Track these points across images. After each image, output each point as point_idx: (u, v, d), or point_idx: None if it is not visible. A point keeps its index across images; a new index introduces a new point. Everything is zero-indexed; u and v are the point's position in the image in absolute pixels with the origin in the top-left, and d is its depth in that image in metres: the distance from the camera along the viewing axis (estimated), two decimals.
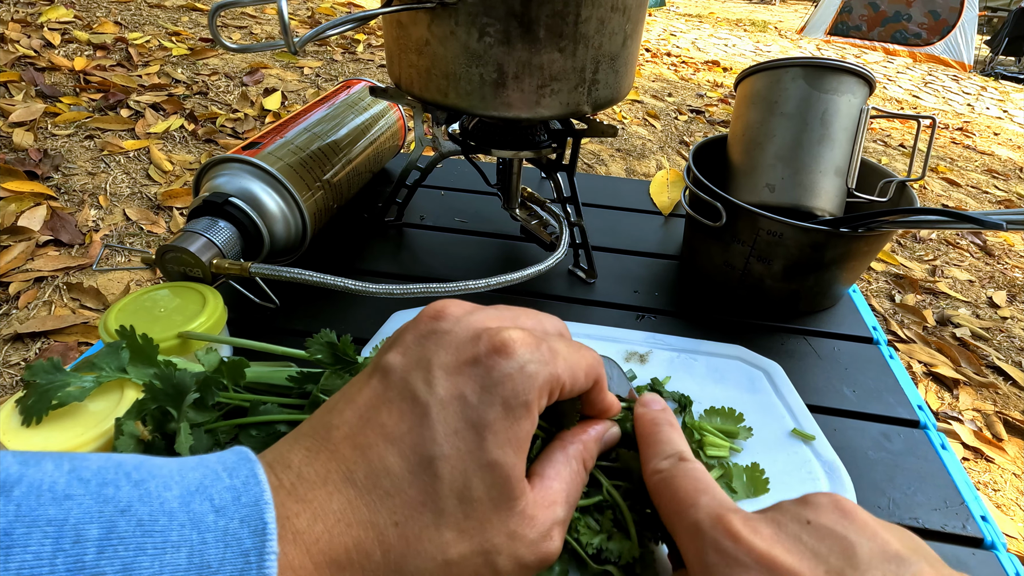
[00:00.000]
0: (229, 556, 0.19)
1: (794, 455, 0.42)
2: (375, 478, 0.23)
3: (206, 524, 0.19)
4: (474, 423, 0.23)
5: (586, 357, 0.27)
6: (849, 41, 5.86)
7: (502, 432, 0.23)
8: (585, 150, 2.42)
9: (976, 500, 0.43)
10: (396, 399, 0.24)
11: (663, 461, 0.27)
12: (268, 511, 0.20)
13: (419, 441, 0.23)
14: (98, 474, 0.19)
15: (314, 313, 0.55)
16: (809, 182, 0.55)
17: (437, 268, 0.64)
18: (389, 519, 0.22)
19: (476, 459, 0.23)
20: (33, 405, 0.31)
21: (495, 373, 0.24)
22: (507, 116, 0.48)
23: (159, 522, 0.19)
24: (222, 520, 0.19)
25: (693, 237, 0.63)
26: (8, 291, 1.30)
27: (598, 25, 0.45)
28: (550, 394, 0.25)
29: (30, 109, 1.82)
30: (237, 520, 0.19)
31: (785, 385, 0.48)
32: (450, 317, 0.26)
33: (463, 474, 0.23)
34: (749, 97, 0.59)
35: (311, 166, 0.58)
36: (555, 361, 0.25)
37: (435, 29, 0.46)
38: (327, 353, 0.35)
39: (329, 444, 0.23)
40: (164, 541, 0.18)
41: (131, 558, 0.18)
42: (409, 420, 0.23)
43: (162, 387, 0.32)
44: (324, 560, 0.21)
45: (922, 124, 0.57)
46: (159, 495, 0.19)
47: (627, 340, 0.52)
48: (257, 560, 0.19)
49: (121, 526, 0.18)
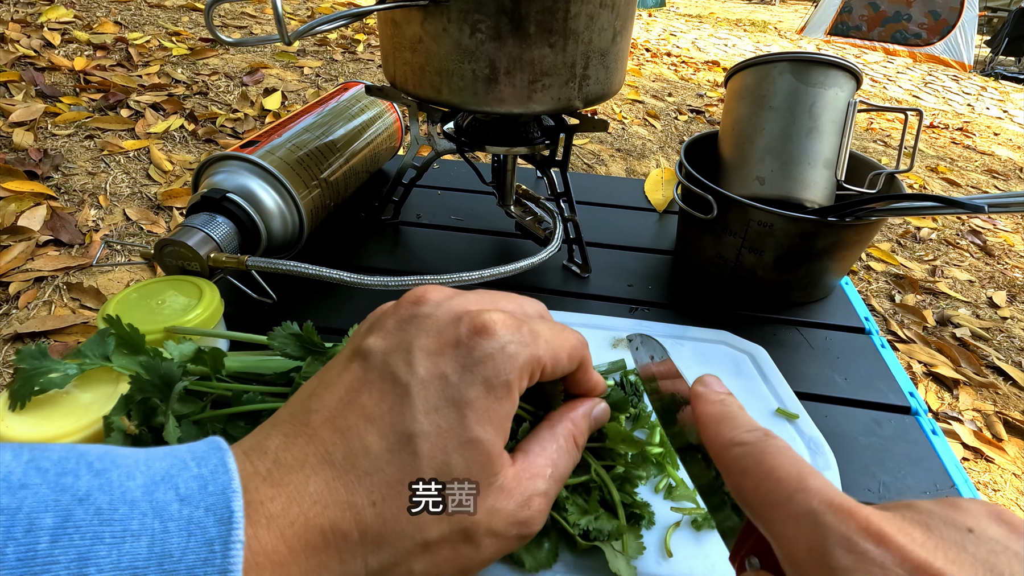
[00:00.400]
0: (192, 545, 0.18)
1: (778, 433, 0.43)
2: (353, 458, 0.22)
3: (169, 513, 0.19)
4: (455, 401, 0.23)
5: (569, 339, 0.27)
6: (849, 41, 5.87)
7: (483, 410, 0.24)
8: (585, 150, 2.42)
9: (966, 483, 0.43)
10: (376, 381, 0.24)
11: (746, 433, 0.24)
12: (235, 499, 0.20)
13: (399, 420, 0.23)
14: (58, 464, 0.19)
15: (310, 308, 0.56)
16: (798, 174, 0.56)
17: (433, 264, 0.64)
18: (367, 499, 0.22)
19: (456, 436, 0.23)
20: (18, 390, 0.32)
21: (476, 353, 0.24)
22: (499, 111, 0.49)
23: (119, 511, 0.18)
24: (187, 509, 0.19)
25: (686, 231, 0.64)
26: (8, 291, 1.30)
27: (587, 21, 0.46)
28: (531, 375, 0.25)
29: (30, 109, 1.83)
30: (202, 509, 0.19)
31: (769, 367, 0.49)
32: (431, 301, 0.26)
33: (443, 451, 0.23)
34: (738, 92, 0.60)
35: (308, 164, 0.58)
36: (536, 343, 0.25)
37: (428, 26, 0.46)
38: (293, 344, 0.35)
39: (308, 428, 0.23)
40: (123, 530, 0.18)
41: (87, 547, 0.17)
42: (389, 400, 0.23)
43: (149, 378, 0.32)
44: (299, 544, 0.21)
45: (910, 117, 0.57)
46: (121, 484, 0.19)
47: (614, 327, 0.52)
48: (222, 549, 0.19)
49: (78, 515, 0.18)
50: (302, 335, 0.35)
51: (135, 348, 0.35)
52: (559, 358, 0.27)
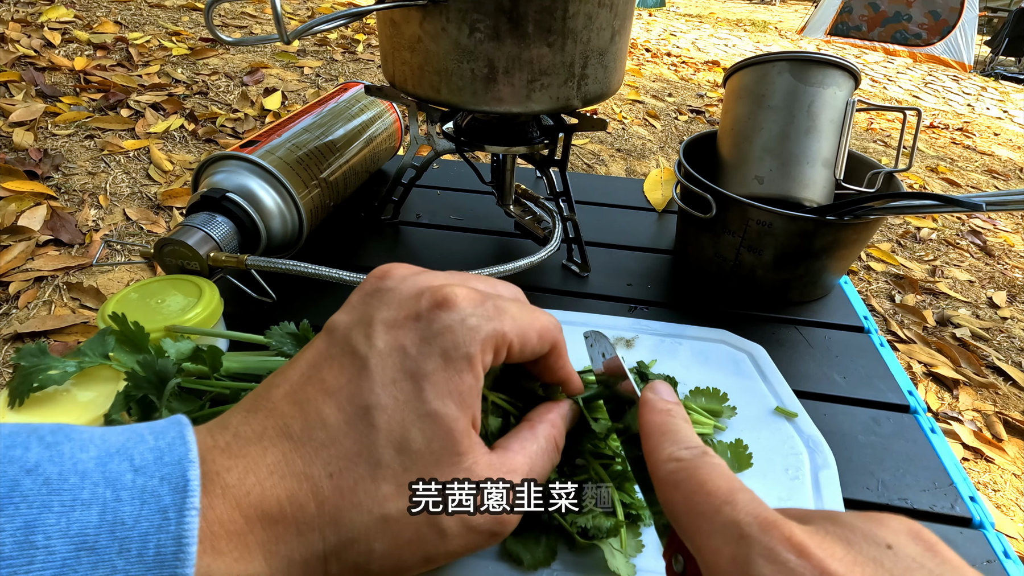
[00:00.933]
0: (145, 512, 0.18)
1: (777, 432, 0.43)
2: (310, 430, 0.22)
3: (122, 483, 0.19)
4: (412, 373, 0.23)
5: (540, 319, 0.27)
6: (849, 41, 5.87)
7: (442, 383, 0.23)
8: (585, 150, 2.42)
9: (965, 481, 0.43)
10: (338, 355, 0.24)
11: (683, 450, 0.24)
12: (191, 468, 0.20)
13: (356, 392, 0.23)
14: (7, 438, 0.19)
15: (310, 307, 0.56)
16: (797, 173, 0.56)
17: (433, 263, 0.64)
18: (324, 470, 0.22)
19: (414, 409, 0.23)
20: (17, 387, 0.32)
21: (435, 325, 0.24)
22: (498, 111, 0.49)
23: (69, 481, 0.18)
24: (140, 479, 0.19)
25: (685, 230, 0.64)
26: (8, 291, 1.30)
27: (586, 20, 0.46)
28: (496, 351, 0.25)
29: (30, 109, 1.83)
30: (157, 478, 0.19)
31: (768, 366, 0.49)
32: (395, 276, 0.26)
33: (400, 424, 0.23)
34: (737, 91, 0.60)
35: (308, 164, 0.58)
36: (501, 317, 0.25)
37: (427, 26, 0.46)
38: (289, 343, 0.36)
39: (268, 403, 0.23)
40: (73, 499, 0.18)
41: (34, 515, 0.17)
42: (348, 373, 0.23)
43: (144, 375, 0.32)
44: (255, 513, 0.21)
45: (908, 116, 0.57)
46: (73, 456, 0.19)
47: (613, 326, 0.53)
48: (176, 516, 0.19)
49: (25, 485, 0.18)
50: (298, 334, 0.36)
51: (137, 346, 0.35)
52: (527, 336, 0.26)
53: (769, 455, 0.41)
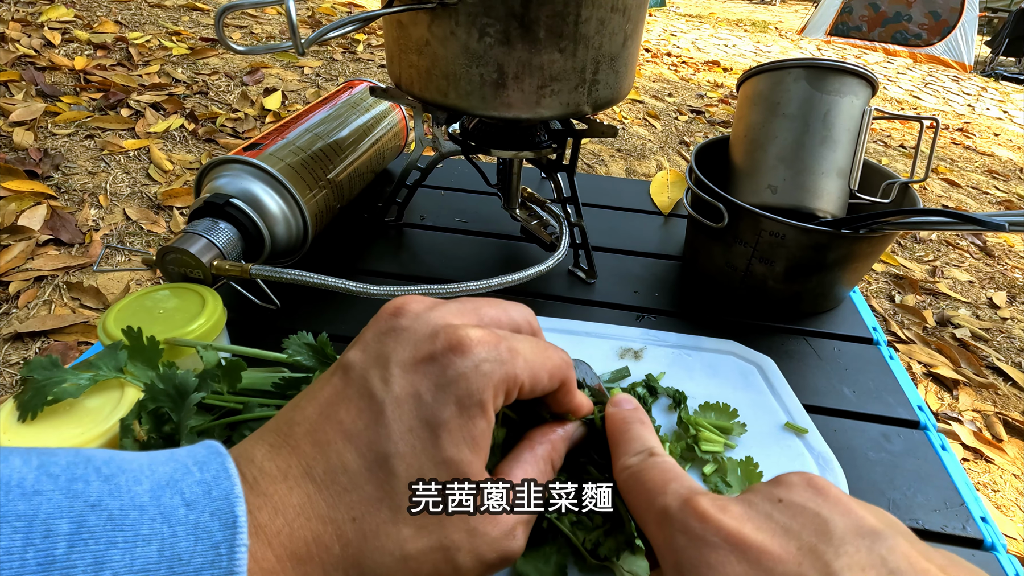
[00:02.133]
0: (200, 548, 0.19)
1: (787, 448, 0.43)
2: (333, 474, 0.23)
3: (177, 518, 0.19)
4: (428, 421, 0.24)
5: (551, 358, 0.27)
6: (849, 42, 5.86)
7: (456, 430, 0.24)
8: (585, 150, 2.41)
9: (976, 501, 0.42)
10: (354, 396, 0.24)
11: (632, 458, 0.27)
12: (239, 504, 0.20)
13: (375, 439, 0.23)
14: (67, 469, 0.19)
15: (315, 314, 0.55)
16: (811, 183, 0.55)
17: (437, 268, 0.64)
18: (347, 514, 0.23)
19: (431, 457, 0.23)
20: (29, 401, 0.31)
21: (450, 371, 0.24)
22: (507, 116, 0.48)
23: (129, 516, 0.19)
24: (193, 513, 0.20)
25: (695, 238, 0.63)
26: (8, 290, 1.30)
27: (598, 25, 0.45)
28: (507, 393, 0.25)
29: (30, 108, 1.82)
30: (208, 513, 0.20)
31: (778, 379, 0.48)
32: (409, 313, 0.26)
33: (419, 471, 0.23)
34: (751, 98, 0.59)
35: (312, 167, 0.58)
36: (514, 360, 0.25)
37: (435, 29, 0.46)
38: (306, 354, 0.35)
39: (291, 440, 0.24)
40: (135, 535, 0.19)
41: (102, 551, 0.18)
42: (366, 417, 0.24)
43: (163, 387, 0.32)
44: (285, 553, 0.21)
45: (924, 125, 0.56)
46: (129, 489, 0.20)
47: (622, 336, 0.52)
48: (228, 552, 0.19)
49: (91, 520, 0.18)
50: (316, 345, 0.35)
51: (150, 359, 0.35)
52: (538, 377, 0.26)
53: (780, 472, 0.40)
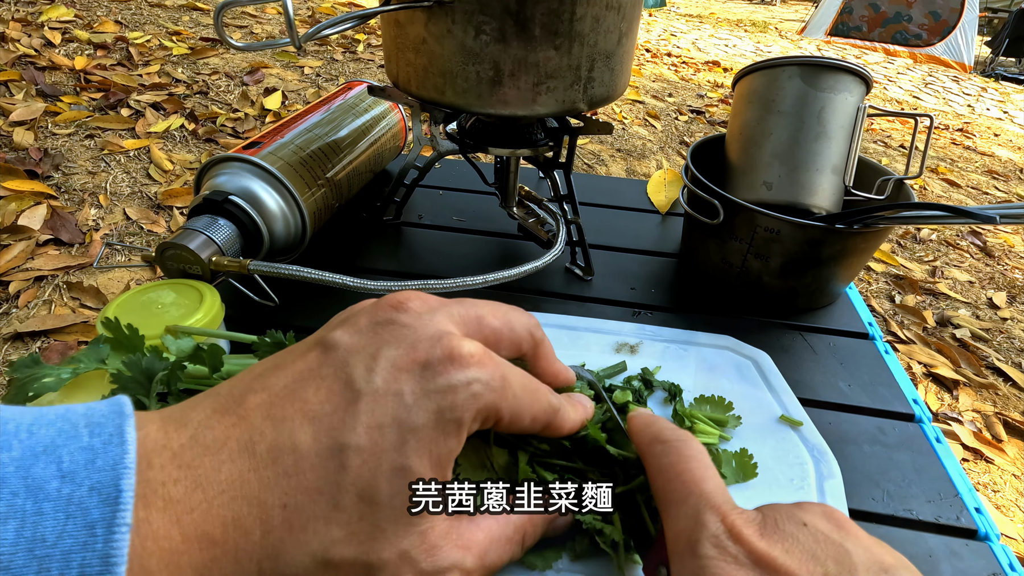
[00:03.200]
0: (71, 528, 0.17)
1: (782, 441, 0.43)
2: (277, 453, 0.21)
3: (46, 492, 0.17)
4: (401, 423, 0.22)
5: (540, 402, 0.26)
6: (849, 42, 5.86)
7: (426, 441, 0.22)
8: (585, 150, 2.42)
9: (970, 492, 0.43)
10: (329, 377, 0.22)
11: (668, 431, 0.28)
12: (125, 477, 0.18)
13: (337, 426, 0.21)
14: None
15: (313, 310, 0.55)
16: (806, 180, 0.55)
17: (435, 266, 0.64)
18: (279, 499, 0.20)
19: (390, 460, 0.22)
20: (12, 398, 0.32)
21: (440, 380, 0.23)
22: (503, 114, 0.49)
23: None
24: (67, 487, 0.17)
25: (691, 235, 0.63)
26: (8, 290, 1.30)
27: (593, 23, 0.46)
28: (484, 421, 0.24)
29: (30, 108, 1.82)
30: (86, 488, 0.17)
31: (773, 373, 0.48)
32: (412, 311, 0.25)
33: (371, 472, 0.21)
34: (747, 96, 0.60)
35: (311, 165, 0.58)
36: (503, 392, 0.24)
37: (432, 27, 0.46)
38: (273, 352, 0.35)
39: (241, 408, 0.22)
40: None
41: None
42: (336, 401, 0.22)
43: (131, 374, 0.31)
44: (195, 532, 0.19)
45: (920, 123, 0.57)
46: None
47: (618, 331, 0.52)
48: (104, 533, 0.17)
49: None
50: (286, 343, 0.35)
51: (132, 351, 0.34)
52: (520, 416, 0.25)
53: (774, 465, 0.41)
